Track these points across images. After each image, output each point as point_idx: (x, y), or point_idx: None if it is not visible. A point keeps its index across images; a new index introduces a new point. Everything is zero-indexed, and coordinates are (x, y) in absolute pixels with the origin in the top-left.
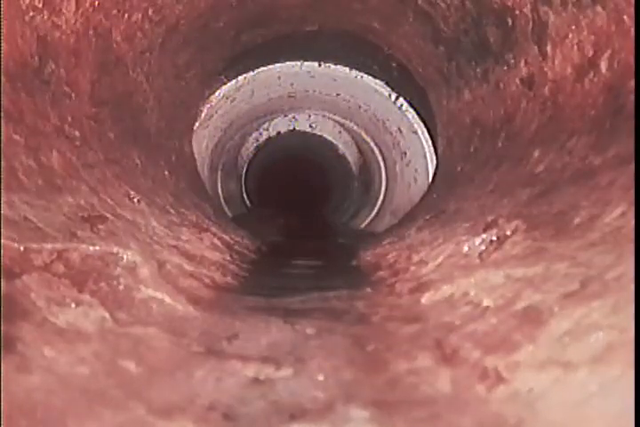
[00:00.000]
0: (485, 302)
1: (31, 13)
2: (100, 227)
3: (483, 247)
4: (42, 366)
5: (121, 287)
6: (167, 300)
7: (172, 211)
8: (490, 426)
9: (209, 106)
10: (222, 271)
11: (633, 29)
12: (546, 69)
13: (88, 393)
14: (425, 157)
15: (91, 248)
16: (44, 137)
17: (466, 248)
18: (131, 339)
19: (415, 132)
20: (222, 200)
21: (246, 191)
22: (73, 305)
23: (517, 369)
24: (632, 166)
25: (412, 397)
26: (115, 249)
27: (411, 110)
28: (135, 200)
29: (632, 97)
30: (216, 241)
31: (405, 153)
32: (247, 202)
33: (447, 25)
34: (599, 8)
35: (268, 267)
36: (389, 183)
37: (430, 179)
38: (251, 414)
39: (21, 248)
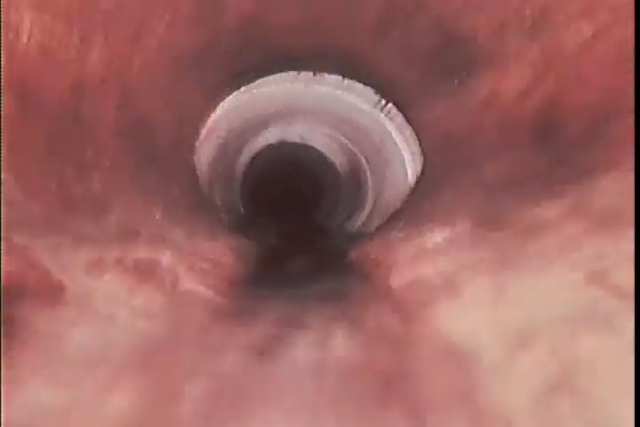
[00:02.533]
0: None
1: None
2: (138, 239)
3: (439, 240)
4: None
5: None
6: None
7: (185, 222)
8: None
9: (210, 121)
10: (234, 271)
11: (633, 30)
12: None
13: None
14: (404, 165)
15: (137, 255)
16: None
17: (429, 245)
18: None
19: (395, 143)
20: (220, 208)
21: (242, 200)
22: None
23: None
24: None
25: None
26: (154, 255)
27: (396, 119)
28: (156, 216)
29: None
30: (225, 247)
31: (388, 161)
32: (242, 210)
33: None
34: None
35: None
36: (377, 188)
37: (411, 184)
38: None
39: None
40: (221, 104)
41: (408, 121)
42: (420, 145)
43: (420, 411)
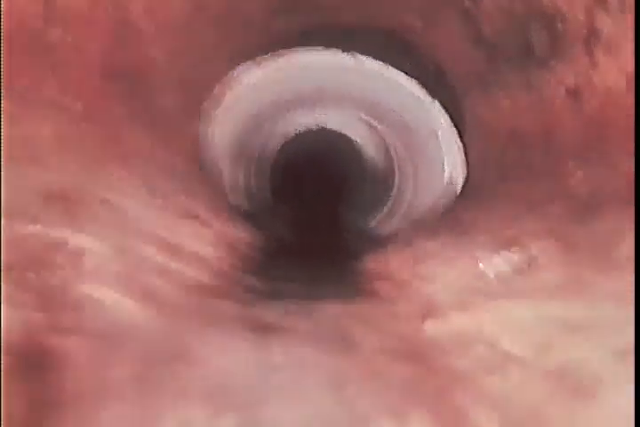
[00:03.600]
0: (505, 346)
1: None
2: (75, 211)
3: (503, 268)
4: None
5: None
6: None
7: (171, 199)
8: None
9: (234, 92)
10: (208, 270)
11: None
12: (595, 80)
13: None
14: (442, 163)
15: (51, 234)
16: (36, 105)
17: (481, 266)
18: None
19: (438, 135)
20: (242, 193)
21: (270, 185)
22: None
23: None
24: None
25: None
26: (83, 239)
27: (443, 114)
28: (128, 184)
29: None
30: (214, 235)
31: (427, 158)
32: (268, 195)
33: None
34: None
35: (262, 265)
36: (402, 185)
37: (446, 184)
38: None
39: None
40: (251, 73)
41: (464, 114)
42: (465, 147)
43: None
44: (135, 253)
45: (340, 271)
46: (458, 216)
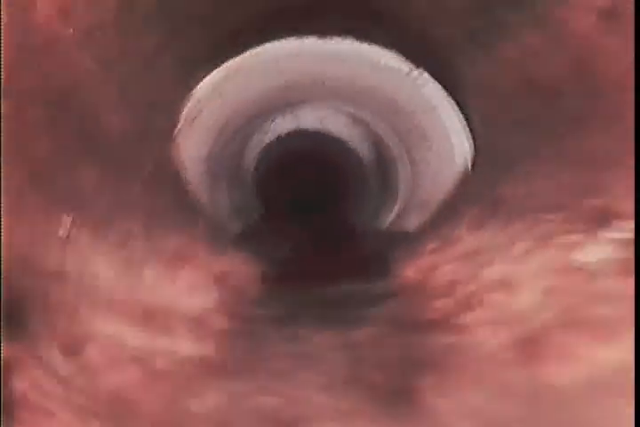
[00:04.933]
0: None
1: None
2: None
3: (617, 255)
4: None
5: None
6: None
7: (137, 242)
8: None
9: (193, 101)
10: (196, 333)
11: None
12: None
13: None
14: (449, 138)
15: None
16: None
17: (588, 257)
18: None
19: (435, 110)
20: (228, 212)
21: (256, 198)
22: None
23: None
24: None
25: None
26: None
27: (430, 84)
28: (69, 232)
29: None
30: (199, 277)
31: (425, 136)
32: (259, 209)
33: None
34: None
35: (271, 309)
36: (409, 172)
37: (463, 160)
38: None
39: None
40: (210, 77)
41: (457, 76)
42: (479, 107)
43: None
44: None
45: (371, 296)
46: (489, 193)
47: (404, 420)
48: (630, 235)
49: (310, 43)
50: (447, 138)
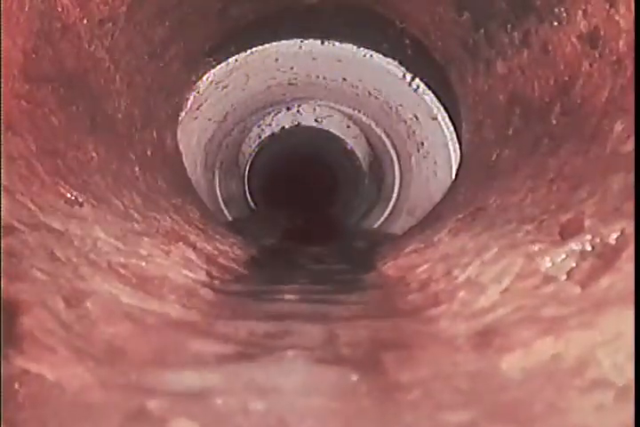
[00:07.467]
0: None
1: None
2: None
3: (574, 264)
4: None
5: None
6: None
7: (136, 216)
8: None
9: (196, 93)
10: (185, 301)
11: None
12: (617, 18)
13: None
14: (447, 146)
15: None
16: None
17: (548, 264)
18: None
19: (434, 119)
20: (221, 202)
21: (249, 191)
22: None
23: None
24: None
25: None
26: None
27: (428, 93)
28: (75, 203)
29: None
30: (191, 254)
31: (422, 143)
32: (251, 203)
33: None
34: None
35: (257, 286)
36: (404, 178)
37: (454, 171)
38: None
39: None
40: (208, 76)
41: (452, 89)
42: (470, 119)
43: None
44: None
45: (353, 285)
46: (472, 202)
47: (367, 382)
48: (588, 247)
49: (311, 44)
50: (444, 147)
